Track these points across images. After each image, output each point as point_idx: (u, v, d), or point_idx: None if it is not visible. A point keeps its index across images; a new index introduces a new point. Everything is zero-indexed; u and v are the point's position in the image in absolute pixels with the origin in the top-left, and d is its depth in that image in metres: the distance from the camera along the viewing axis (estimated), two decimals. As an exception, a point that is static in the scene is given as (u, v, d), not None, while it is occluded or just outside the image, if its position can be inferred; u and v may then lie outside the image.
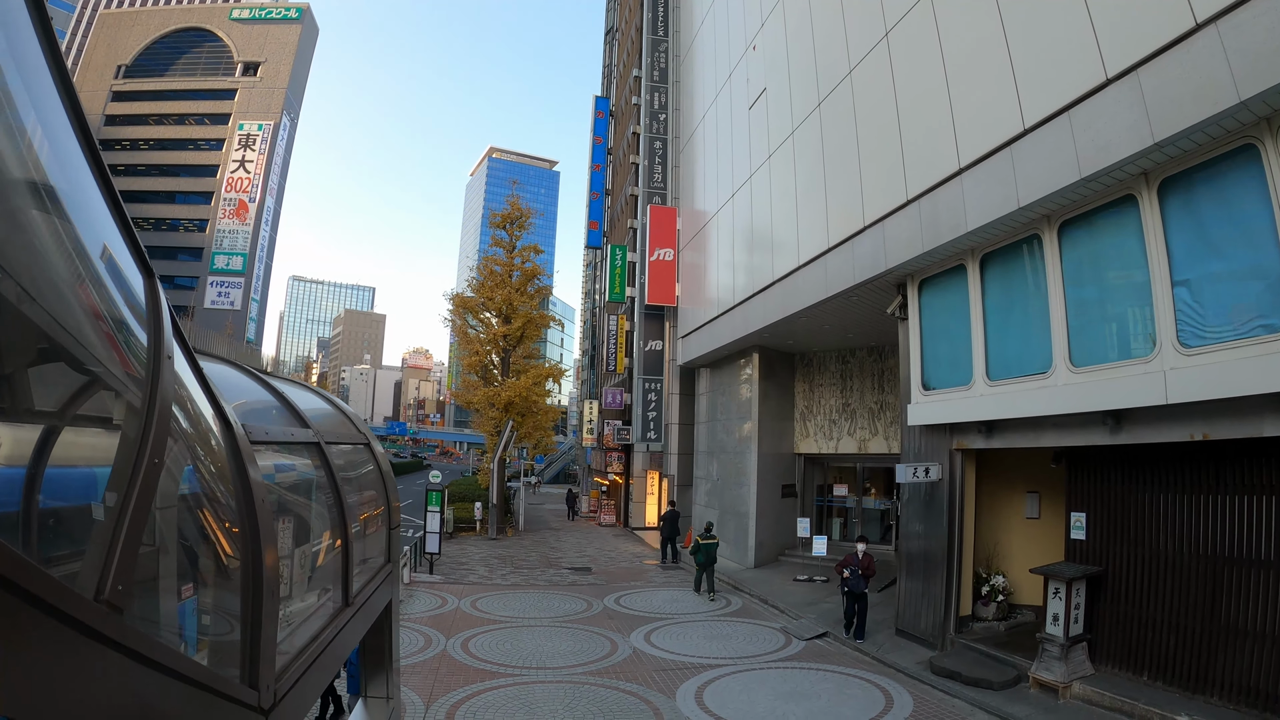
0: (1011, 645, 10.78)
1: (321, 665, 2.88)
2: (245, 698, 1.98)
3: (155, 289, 1.69)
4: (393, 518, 4.82)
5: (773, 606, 15.00)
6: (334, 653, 3.12)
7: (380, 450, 4.98)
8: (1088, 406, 8.88)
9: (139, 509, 1.39)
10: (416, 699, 9.13)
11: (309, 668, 2.63)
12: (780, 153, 17.14)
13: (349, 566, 3.55)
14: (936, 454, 11.76)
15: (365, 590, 3.88)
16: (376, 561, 4.58)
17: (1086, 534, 9.95)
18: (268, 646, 2.16)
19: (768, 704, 9.16)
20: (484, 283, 29.43)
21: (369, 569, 4.58)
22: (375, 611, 4.22)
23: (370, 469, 4.77)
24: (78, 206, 1.39)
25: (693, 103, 26.22)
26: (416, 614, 13.75)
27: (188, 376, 1.98)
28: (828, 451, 20.25)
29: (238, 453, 2.22)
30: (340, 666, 3.80)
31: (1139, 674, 9.05)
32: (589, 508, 37.23)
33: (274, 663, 2.23)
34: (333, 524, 3.54)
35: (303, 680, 2.53)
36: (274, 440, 2.92)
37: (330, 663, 3.09)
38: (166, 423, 1.57)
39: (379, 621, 4.68)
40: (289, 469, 3.40)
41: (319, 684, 2.92)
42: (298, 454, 3.52)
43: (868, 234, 12.94)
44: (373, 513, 4.83)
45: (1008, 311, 10.59)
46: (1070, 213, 9.33)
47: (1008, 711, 8.79)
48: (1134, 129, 7.74)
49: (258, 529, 2.18)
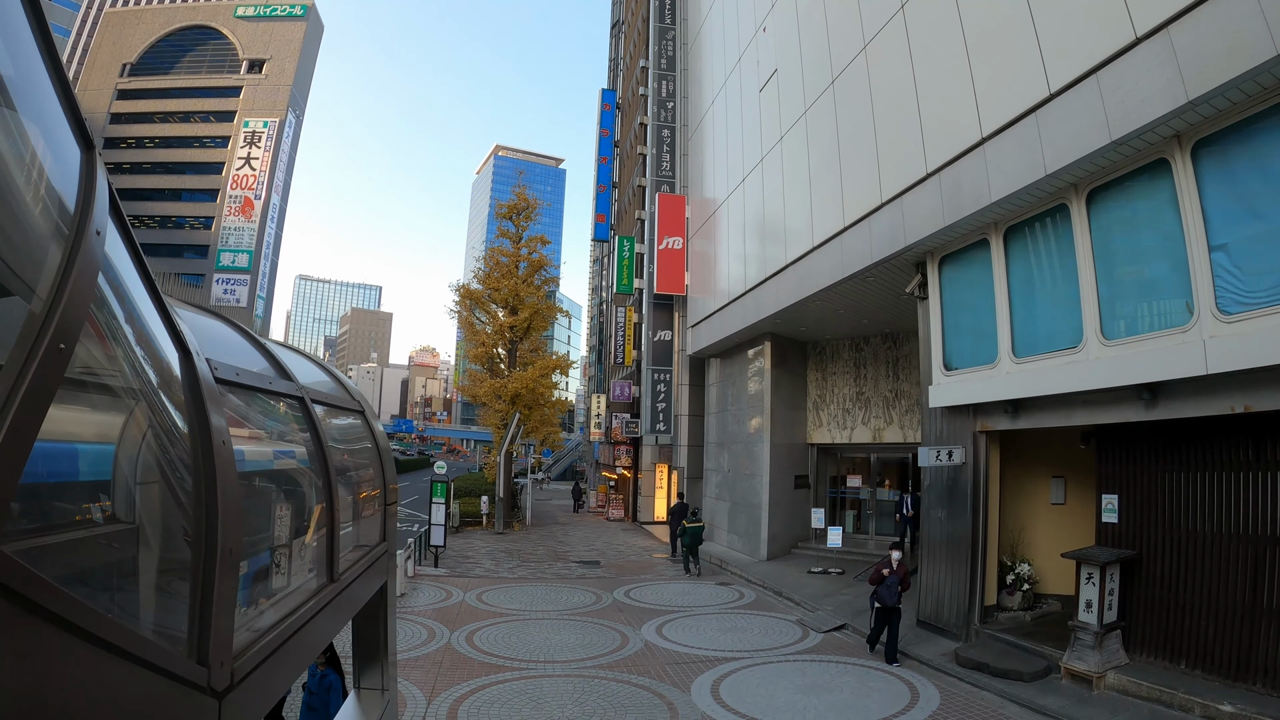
0: (1039, 635, 10.33)
1: (297, 647, 2.47)
2: (191, 676, 1.58)
3: (93, 163, 1.43)
4: (389, 495, 4.41)
5: (787, 599, 14.56)
6: (313, 634, 2.70)
7: (378, 425, 4.58)
8: (1121, 380, 8.44)
9: (31, 401, 1.04)
10: (417, 693, 8.73)
11: (278, 649, 2.22)
12: (793, 134, 16.68)
13: (334, 539, 3.13)
14: (959, 437, 11.31)
15: (354, 570, 3.48)
16: (370, 540, 4.19)
17: (1119, 517, 9.48)
18: (222, 618, 1.76)
19: (787, 697, 8.73)
20: (490, 273, 29.02)
21: (360, 547, 4.19)
22: (366, 594, 3.81)
23: (365, 443, 4.37)
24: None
25: (701, 90, 25.77)
26: (420, 607, 13.37)
27: (132, 280, 1.62)
28: (841, 441, 19.78)
29: (197, 389, 1.82)
30: (320, 652, 3.35)
31: (1176, 662, 8.61)
32: (596, 503, 36.84)
33: (230, 639, 1.83)
34: (317, 490, 3.14)
35: (270, 663, 2.10)
36: (246, 384, 2.48)
37: (308, 646, 2.68)
38: (84, 303, 1.25)
39: (372, 607, 4.28)
40: (265, 423, 2.99)
41: (292, 668, 2.51)
42: (277, 416, 3.12)
43: (885, 211, 12.50)
44: (368, 489, 4.43)
45: (1034, 286, 10.16)
46: (1099, 180, 8.92)
47: (1040, 704, 8.35)
48: (1167, 88, 7.37)
49: (215, 481, 1.77)
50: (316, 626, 2.72)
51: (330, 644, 5.31)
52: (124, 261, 1.57)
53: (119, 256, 1.54)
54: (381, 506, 4.37)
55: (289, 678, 2.53)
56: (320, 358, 5.11)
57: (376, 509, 4.37)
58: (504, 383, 27.76)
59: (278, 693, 2.43)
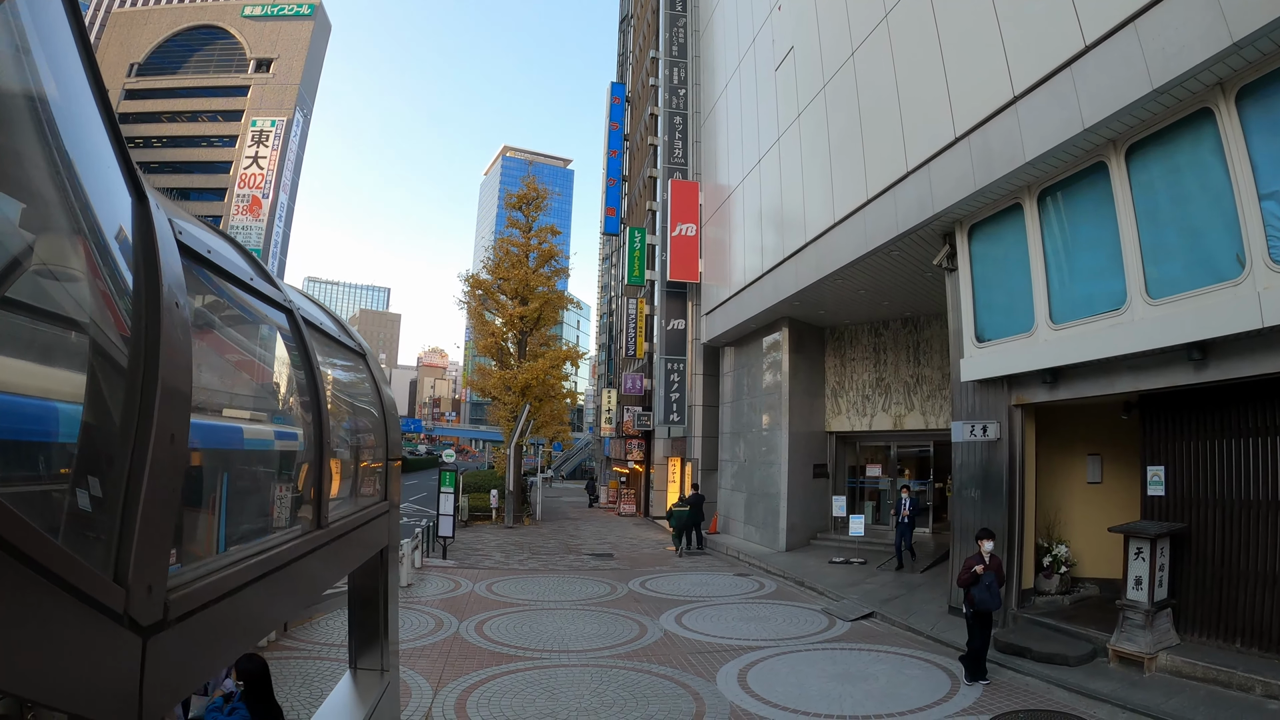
0: (1080, 619, 9.78)
1: (266, 594, 1.94)
2: (100, 595, 1.09)
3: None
4: (391, 450, 3.89)
5: (810, 588, 14.02)
6: (288, 583, 2.17)
7: (380, 373, 4.08)
8: (1170, 340, 7.97)
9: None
10: (423, 683, 8.23)
11: (238, 590, 1.69)
12: (811, 110, 16.15)
13: (323, 479, 2.61)
14: (993, 412, 10.76)
15: (348, 522, 2.98)
16: (369, 496, 3.68)
17: (1166, 489, 8.95)
18: (153, 527, 1.25)
19: (820, 686, 8.19)
20: (500, 263, 28.53)
21: (358, 498, 3.69)
22: (361, 555, 3.29)
23: (365, 389, 3.88)
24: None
25: (713, 76, 25.31)
26: (427, 597, 12.89)
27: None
28: (861, 429, 19.21)
29: (150, 239, 1.36)
30: (302, 608, 2.82)
31: (1230, 641, 8.10)
32: (608, 498, 36.35)
33: (165, 558, 1.30)
34: (305, 421, 2.64)
35: (227, 606, 1.60)
36: (218, 267, 1.95)
37: (282, 596, 2.16)
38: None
39: (369, 576, 3.77)
40: (242, 320, 2.48)
41: (260, 618, 1.98)
42: (256, 328, 2.62)
43: (911, 180, 11.97)
44: (368, 438, 3.94)
45: (1072, 249, 9.68)
46: (1138, 135, 8.47)
47: (1090, 688, 7.79)
48: (1210, 31, 6.95)
49: (159, 343, 1.28)
50: (296, 574, 2.20)
51: (258, 670, 4.76)
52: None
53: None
54: (384, 462, 3.86)
55: (252, 633, 1.97)
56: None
57: (378, 463, 3.87)
58: (514, 374, 27.25)
59: (232, 653, 1.87)
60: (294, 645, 9.52)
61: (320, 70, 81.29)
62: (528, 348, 28.91)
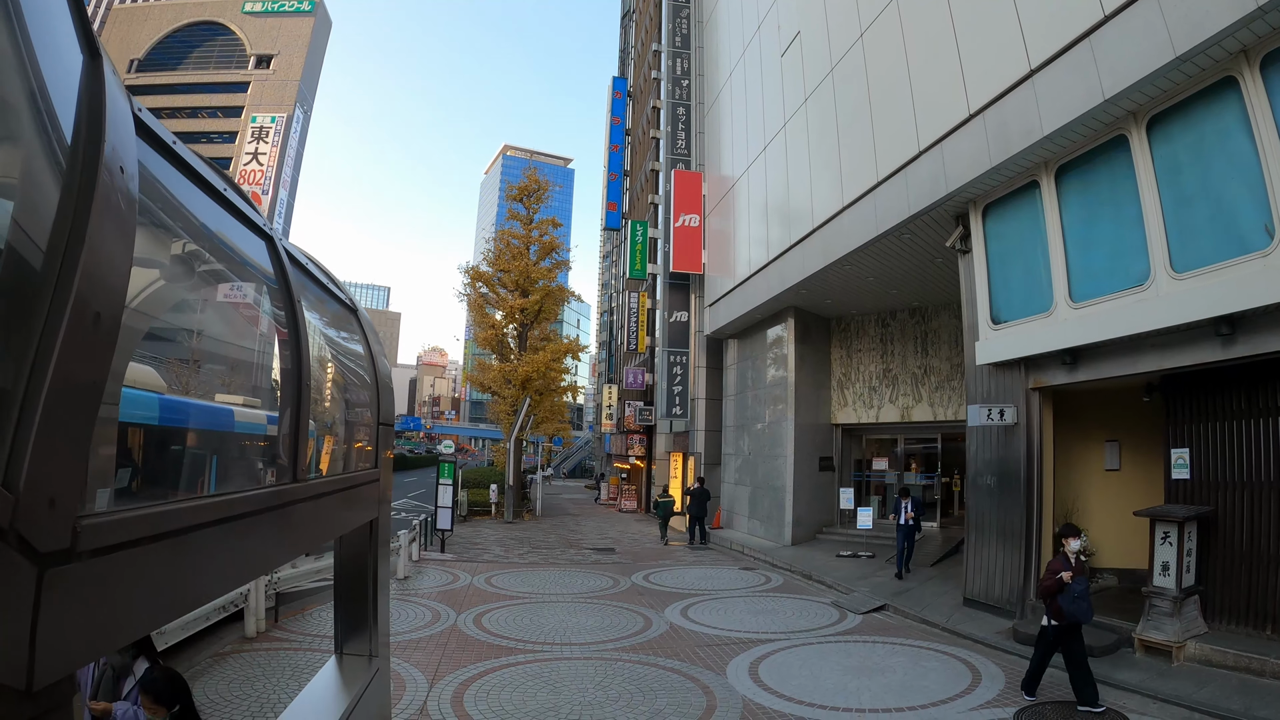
0: (1102, 609, 9.38)
1: (219, 545, 1.59)
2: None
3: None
4: (382, 416, 3.52)
5: (818, 582, 13.67)
6: (250, 538, 1.83)
7: (373, 333, 3.73)
8: (1197, 315, 7.67)
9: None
10: (418, 676, 7.84)
11: (184, 532, 1.36)
12: (818, 95, 15.82)
13: (300, 425, 2.26)
14: (1009, 396, 10.42)
15: (330, 482, 2.64)
16: (357, 462, 3.32)
17: (1191, 472, 8.60)
18: (59, 431, 0.90)
19: (836, 679, 7.82)
20: (500, 255, 28.17)
21: (342, 461, 3.28)
22: (344, 524, 2.93)
23: (356, 345, 3.54)
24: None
25: (717, 66, 24.99)
26: (425, 589, 12.54)
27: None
28: (868, 421, 18.86)
29: (98, 104, 1.13)
30: (270, 569, 2.47)
31: (1260, 628, 7.75)
32: (608, 494, 36.01)
33: (78, 476, 0.97)
34: (284, 359, 2.31)
35: (163, 547, 1.27)
36: (181, 156, 1.61)
37: (242, 552, 1.80)
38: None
39: (356, 553, 3.42)
40: (208, 239, 2.12)
41: (209, 575, 1.63)
42: (229, 247, 2.25)
43: (924, 159, 11.64)
44: (357, 396, 3.60)
45: (1091, 225, 9.35)
46: (1160, 106, 8.19)
47: (1117, 679, 7.45)
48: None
49: (88, 215, 1.01)
50: (257, 530, 1.84)
51: (158, 675, 4.00)
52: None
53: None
54: (374, 430, 3.50)
55: (195, 592, 1.58)
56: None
57: (367, 428, 3.52)
58: (514, 366, 26.89)
59: (168, 612, 1.50)
60: (284, 636, 9.18)
61: (321, 66, 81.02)
62: (528, 341, 28.54)
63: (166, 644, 7.20)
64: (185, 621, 7.33)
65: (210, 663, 7.92)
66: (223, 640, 8.80)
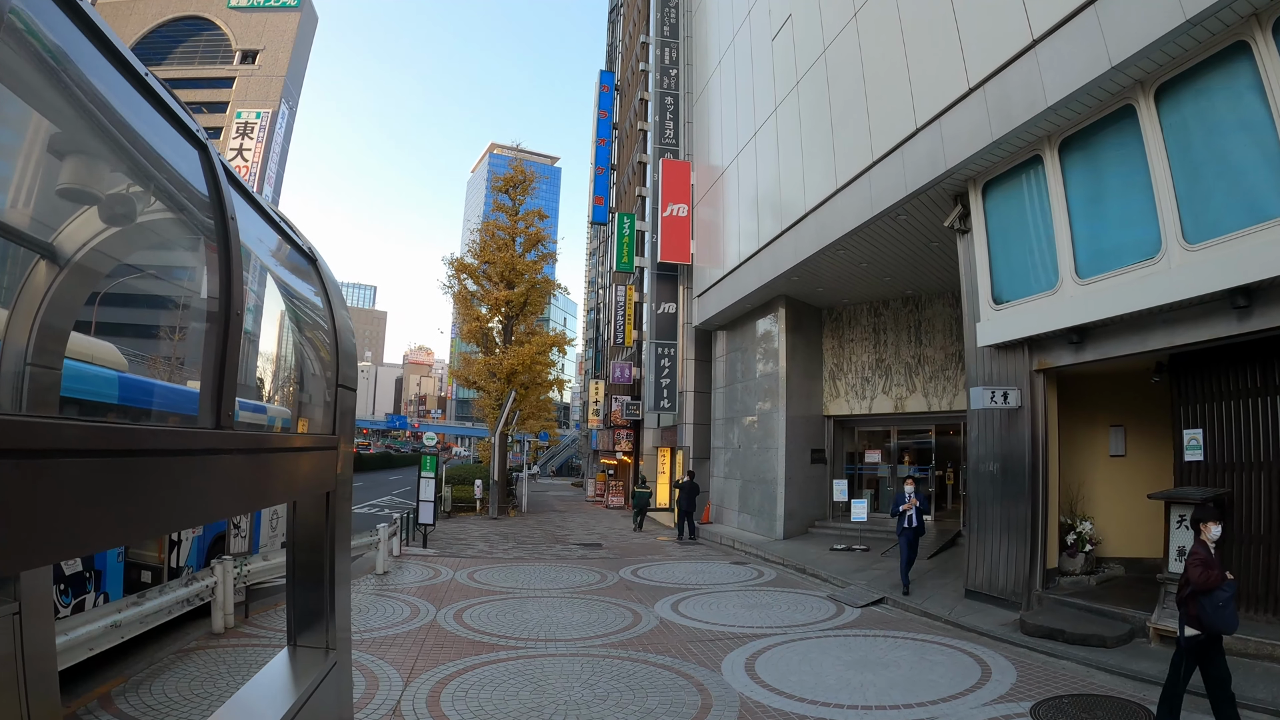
0: (1111, 599, 9.07)
1: (105, 483, 1.18)
2: None
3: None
4: (342, 374, 3.02)
5: (812, 576, 13.25)
6: (157, 487, 1.38)
7: (335, 286, 3.24)
8: (1211, 287, 7.33)
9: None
10: (393, 673, 7.32)
11: (49, 455, 1.06)
12: (811, 76, 15.42)
13: (228, 365, 1.79)
14: (1011, 379, 10.04)
15: (273, 439, 2.18)
16: (310, 422, 2.96)
17: (1205, 454, 8.25)
18: None
19: (838, 674, 7.37)
20: (485, 246, 27.62)
21: (291, 419, 3.05)
22: (290, 487, 2.43)
23: (314, 301, 3.05)
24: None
25: (706, 55, 24.62)
26: (404, 584, 12.02)
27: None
28: (860, 412, 18.47)
29: None
30: (188, 524, 2.00)
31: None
32: (595, 490, 35.52)
33: None
34: (210, 282, 1.85)
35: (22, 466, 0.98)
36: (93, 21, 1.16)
37: (141, 498, 1.35)
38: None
39: (311, 535, 2.91)
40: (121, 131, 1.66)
41: (86, 520, 1.19)
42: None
43: (921, 136, 11.26)
44: (312, 340, 3.12)
45: (1098, 198, 9.01)
46: (1168, 73, 7.89)
47: (1134, 670, 7.06)
48: None
49: None
50: (164, 477, 1.40)
51: None
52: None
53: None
54: (332, 391, 3.00)
55: (75, 533, 1.16)
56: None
57: (324, 389, 3.02)
58: (499, 359, 26.36)
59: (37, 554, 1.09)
60: (254, 633, 8.66)
61: (306, 63, 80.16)
62: (514, 335, 28.01)
63: (124, 637, 6.65)
64: (144, 614, 6.77)
65: (173, 659, 7.40)
66: (188, 636, 8.29)
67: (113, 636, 6.11)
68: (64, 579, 6.10)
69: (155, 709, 6.03)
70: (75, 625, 5.56)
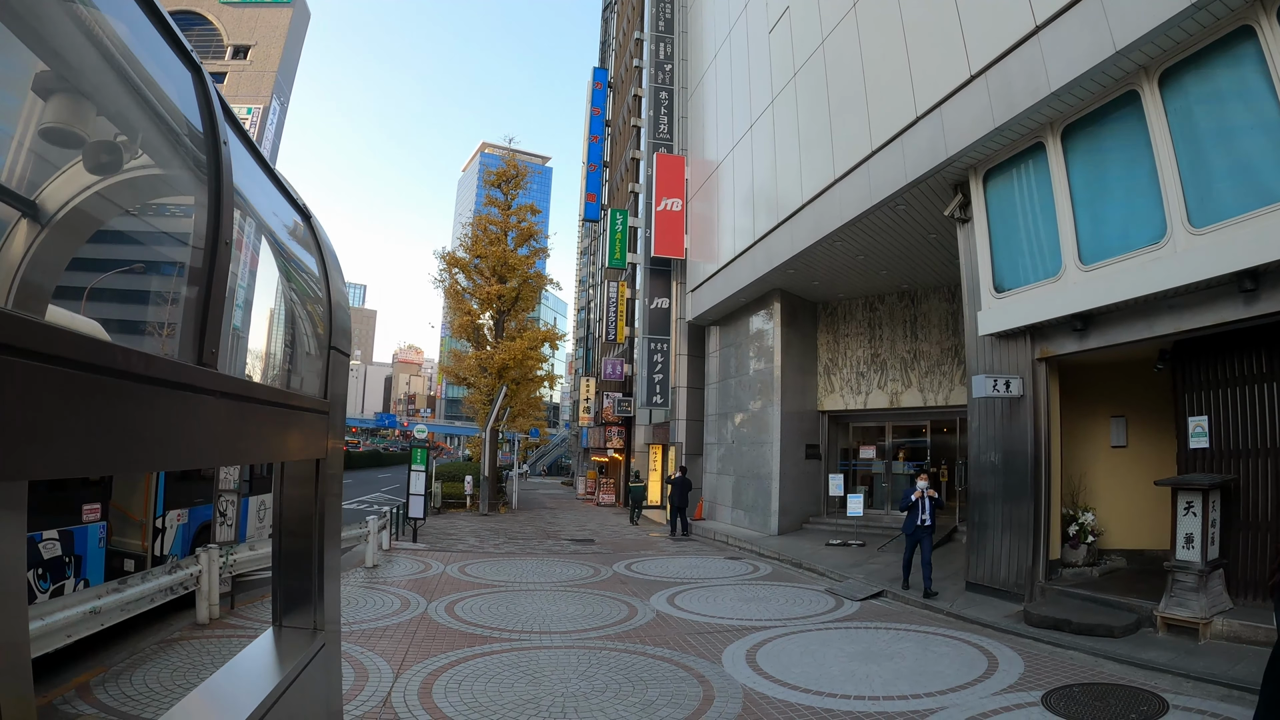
0: (1114, 589, 8.97)
1: (74, 403, 0.96)
2: None
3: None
4: (336, 335, 2.80)
5: (809, 570, 13.09)
6: (129, 416, 1.19)
7: (329, 246, 3.03)
8: (1218, 270, 7.24)
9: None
10: (383, 665, 7.09)
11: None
12: (808, 68, 15.28)
13: (213, 295, 1.60)
14: (1014, 368, 9.93)
15: (255, 386, 1.99)
16: (300, 379, 2.76)
17: (1210, 441, 8.15)
18: None
19: (842, 666, 7.20)
20: (477, 240, 27.35)
21: (278, 371, 2.97)
22: (276, 444, 2.20)
23: (305, 256, 2.85)
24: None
25: (701, 50, 24.48)
26: (394, 578, 11.78)
27: None
28: (855, 407, 18.34)
29: None
30: (163, 466, 1.79)
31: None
32: (586, 488, 35.29)
33: None
34: (197, 200, 1.68)
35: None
36: None
37: (126, 430, 1.17)
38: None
39: (299, 508, 2.69)
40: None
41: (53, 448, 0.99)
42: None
43: (922, 125, 11.14)
44: (298, 311, 2.91)
45: (1102, 184, 8.92)
46: (1172, 58, 7.81)
47: (1143, 659, 6.92)
48: None
49: None
50: (141, 407, 1.21)
51: None
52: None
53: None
54: (324, 353, 2.78)
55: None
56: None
57: (316, 348, 2.81)
58: (490, 353, 26.09)
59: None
60: (240, 624, 8.42)
61: (298, 58, 79.64)
62: (505, 330, 27.75)
63: (104, 624, 6.39)
64: (125, 600, 6.51)
65: (155, 650, 7.15)
66: (171, 626, 8.04)
67: (92, 623, 5.87)
68: (42, 563, 5.86)
69: (135, 699, 5.80)
70: (52, 610, 5.32)
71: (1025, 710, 5.80)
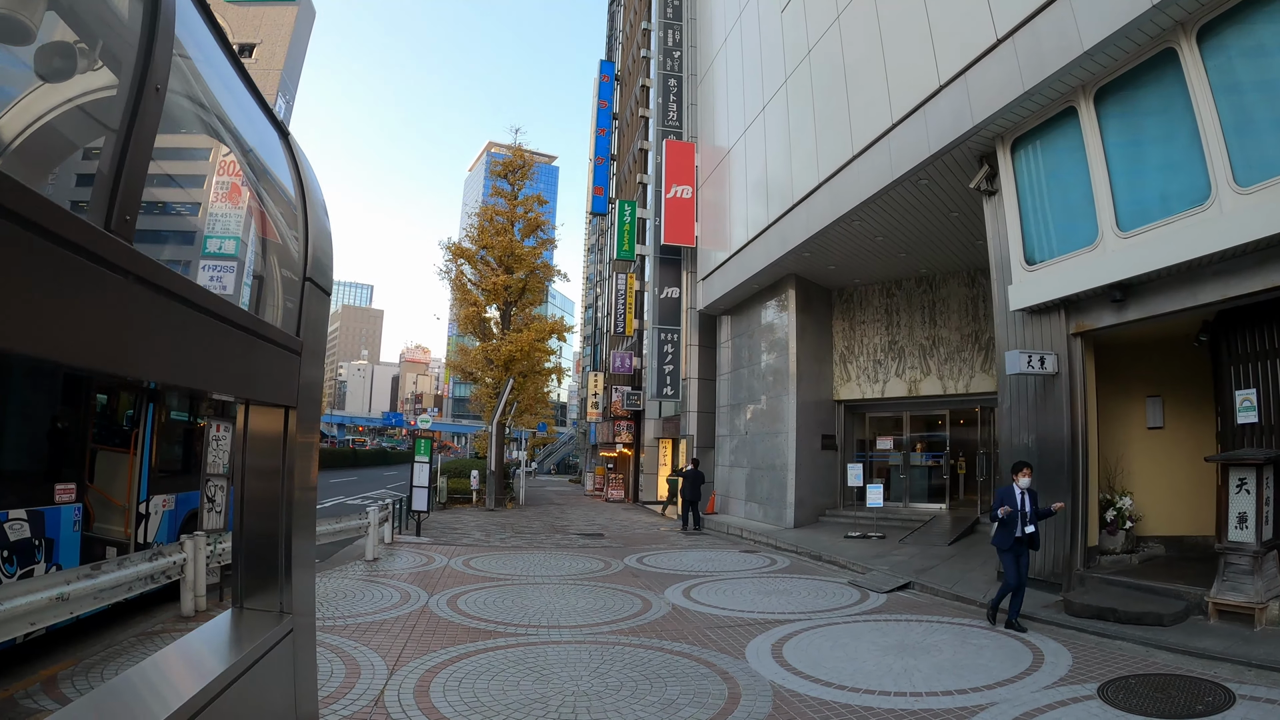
0: (1158, 576, 8.47)
1: None
2: None
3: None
4: (312, 267, 2.31)
5: (829, 563, 12.58)
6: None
7: (308, 168, 2.55)
8: (1268, 230, 6.78)
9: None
10: (377, 660, 6.57)
11: None
12: (823, 44, 14.78)
13: (130, 146, 1.14)
14: (1047, 345, 9.41)
15: (193, 287, 1.51)
16: (268, 310, 2.25)
17: (1259, 414, 7.66)
18: None
19: (877, 660, 6.70)
20: (484, 230, 26.90)
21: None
22: (224, 373, 1.69)
23: (281, 173, 2.36)
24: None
25: (710, 35, 24.05)
26: (396, 571, 11.32)
27: None
28: (872, 397, 17.81)
29: None
30: (69, 359, 1.32)
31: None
32: (594, 484, 34.83)
33: None
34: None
35: None
36: None
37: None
38: None
39: (262, 469, 2.20)
40: None
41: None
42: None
43: (945, 94, 10.65)
44: (271, 226, 2.43)
45: (1139, 147, 8.46)
46: (1210, 13, 7.40)
47: (1198, 647, 6.41)
48: None
49: None
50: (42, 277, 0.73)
51: None
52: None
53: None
54: (299, 284, 2.27)
55: None
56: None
57: (289, 271, 2.31)
58: (497, 345, 25.63)
59: None
60: (228, 619, 7.97)
61: (304, 57, 79.29)
62: (512, 323, 27.29)
63: (74, 613, 5.90)
64: (98, 588, 6.02)
65: (134, 642, 6.70)
66: (153, 619, 7.60)
67: (60, 611, 5.37)
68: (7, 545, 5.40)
69: (108, 695, 5.35)
70: (11, 595, 4.84)
71: (1083, 704, 5.29)
